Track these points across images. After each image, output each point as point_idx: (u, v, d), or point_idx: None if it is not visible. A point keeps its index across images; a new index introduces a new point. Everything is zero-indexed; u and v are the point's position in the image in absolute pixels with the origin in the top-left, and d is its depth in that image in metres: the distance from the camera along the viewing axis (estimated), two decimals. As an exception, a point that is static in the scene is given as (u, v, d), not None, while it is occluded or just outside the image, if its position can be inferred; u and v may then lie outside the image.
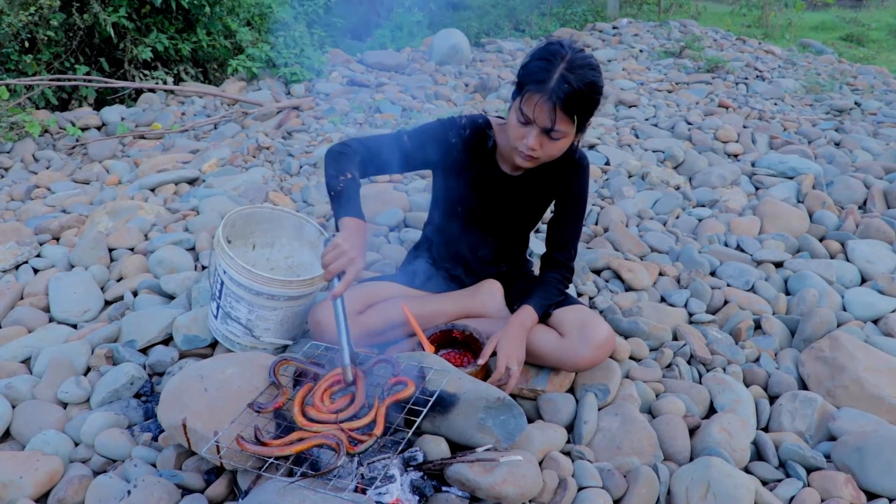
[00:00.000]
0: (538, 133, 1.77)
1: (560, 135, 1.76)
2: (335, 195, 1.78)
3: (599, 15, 8.81)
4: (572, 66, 1.69)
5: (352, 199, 1.77)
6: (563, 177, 2.05)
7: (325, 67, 5.84)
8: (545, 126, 1.74)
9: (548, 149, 1.81)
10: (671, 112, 4.86)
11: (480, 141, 2.01)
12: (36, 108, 4.92)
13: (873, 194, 3.28)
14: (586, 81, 1.69)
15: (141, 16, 5.38)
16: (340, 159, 1.84)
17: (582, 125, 1.80)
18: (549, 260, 2.14)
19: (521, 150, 1.82)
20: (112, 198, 3.49)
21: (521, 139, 1.80)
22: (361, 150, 1.90)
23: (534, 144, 1.78)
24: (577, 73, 1.69)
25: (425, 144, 1.98)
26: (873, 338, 2.28)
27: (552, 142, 1.79)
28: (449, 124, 2.00)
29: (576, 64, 1.70)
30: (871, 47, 9.01)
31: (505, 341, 1.91)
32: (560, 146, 1.81)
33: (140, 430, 1.90)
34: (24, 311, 2.44)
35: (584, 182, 2.08)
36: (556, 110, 1.70)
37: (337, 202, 1.77)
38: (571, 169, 2.04)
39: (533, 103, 1.73)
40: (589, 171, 2.09)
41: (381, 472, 1.53)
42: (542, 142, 1.79)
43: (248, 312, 1.99)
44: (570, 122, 1.74)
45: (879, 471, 1.72)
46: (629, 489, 1.70)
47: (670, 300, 2.55)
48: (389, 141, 1.96)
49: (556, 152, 1.83)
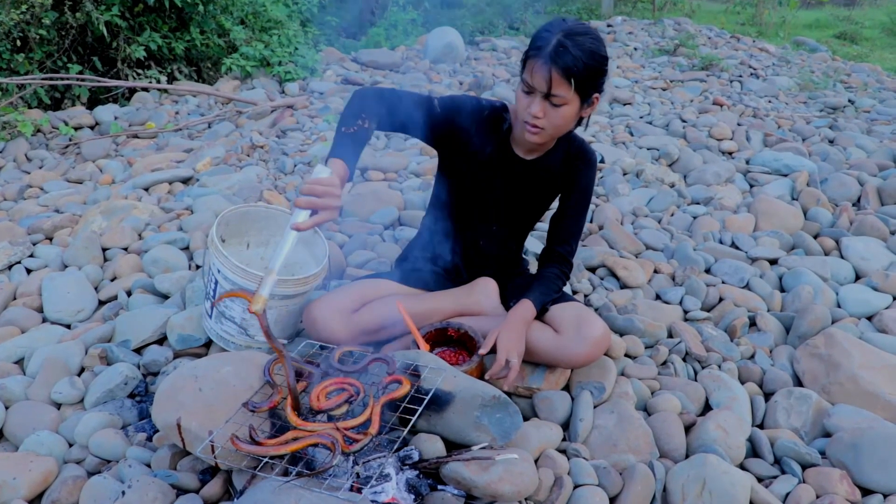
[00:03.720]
0: (541, 99, 1.80)
1: (560, 100, 1.79)
2: (343, 134, 1.77)
3: (594, 13, 8.81)
4: (570, 33, 1.74)
5: (357, 144, 1.78)
6: (573, 167, 2.07)
7: (319, 66, 5.82)
8: (543, 90, 1.77)
9: (552, 118, 1.83)
10: (666, 110, 4.86)
11: (497, 123, 2.03)
12: (28, 107, 4.88)
13: (867, 191, 3.29)
14: (584, 47, 1.73)
15: (134, 14, 5.34)
16: (366, 104, 1.84)
17: (585, 95, 1.82)
18: (550, 253, 2.14)
19: (527, 119, 1.84)
20: (106, 197, 3.47)
21: (525, 109, 1.84)
22: (391, 101, 1.90)
23: (537, 112, 1.81)
24: (574, 39, 1.73)
25: (453, 114, 1.99)
26: (868, 334, 2.29)
27: (555, 109, 1.81)
28: (475, 101, 2.04)
29: (575, 31, 1.75)
30: (865, 45, 9.03)
31: (505, 334, 1.91)
32: (564, 115, 1.83)
33: (134, 430, 1.90)
34: (17, 311, 2.43)
35: (591, 176, 2.10)
36: (551, 72, 1.73)
37: (341, 141, 1.76)
38: (582, 160, 2.07)
39: (532, 69, 1.77)
40: (596, 169, 2.11)
41: (377, 471, 1.53)
42: (546, 109, 1.82)
43: (243, 311, 1.99)
44: (569, 86, 1.76)
45: (874, 467, 1.72)
46: (625, 487, 1.70)
47: (665, 297, 2.55)
48: (421, 101, 1.96)
49: (560, 122, 1.85)
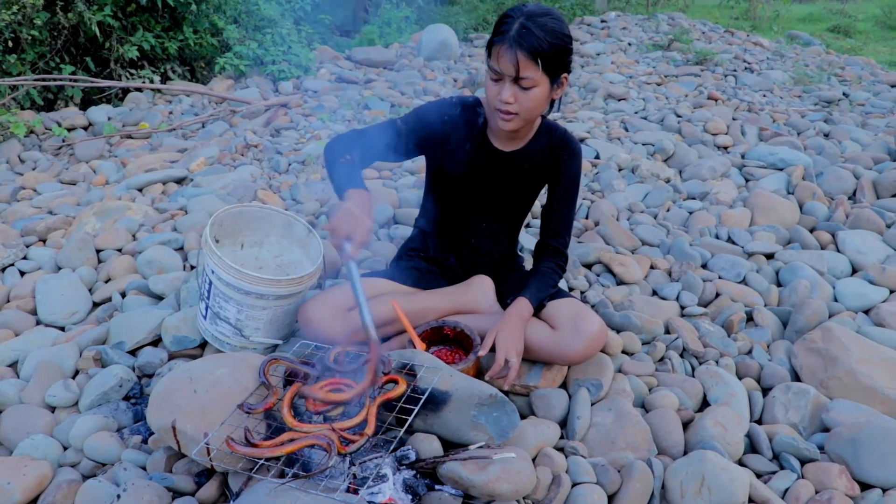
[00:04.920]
0: (510, 84, 1.80)
1: (529, 83, 1.79)
2: (336, 175, 1.81)
3: (588, 9, 8.78)
4: (532, 15, 1.75)
5: (354, 175, 1.81)
6: (557, 159, 2.06)
7: (313, 64, 5.80)
8: (511, 74, 1.77)
9: (523, 102, 1.82)
10: (660, 105, 4.86)
11: (471, 118, 2.03)
12: (21, 108, 4.85)
13: (863, 185, 3.29)
14: (546, 27, 1.74)
15: (126, 14, 5.32)
16: (338, 148, 1.88)
17: (553, 74, 1.82)
18: (544, 247, 2.14)
19: (498, 106, 1.84)
20: (99, 198, 3.46)
21: (496, 96, 1.83)
22: (358, 139, 1.92)
23: (507, 97, 1.81)
24: (536, 20, 1.74)
25: (419, 126, 2.00)
26: (865, 328, 2.29)
27: (525, 92, 1.81)
28: (440, 104, 2.03)
29: (535, 13, 1.76)
30: (859, 38, 9.05)
31: (504, 333, 1.90)
32: (534, 97, 1.82)
33: (129, 432, 1.88)
34: (10, 313, 2.41)
35: (576, 167, 2.09)
36: (517, 54, 1.73)
37: (338, 181, 1.81)
38: (565, 151, 2.06)
39: (498, 55, 1.78)
40: (581, 158, 2.10)
41: (374, 472, 1.52)
42: (516, 94, 1.81)
43: (238, 312, 1.98)
44: (536, 66, 1.76)
45: (873, 462, 1.72)
46: (623, 484, 1.69)
47: (662, 293, 2.54)
48: (384, 128, 1.98)
49: (532, 105, 1.84)
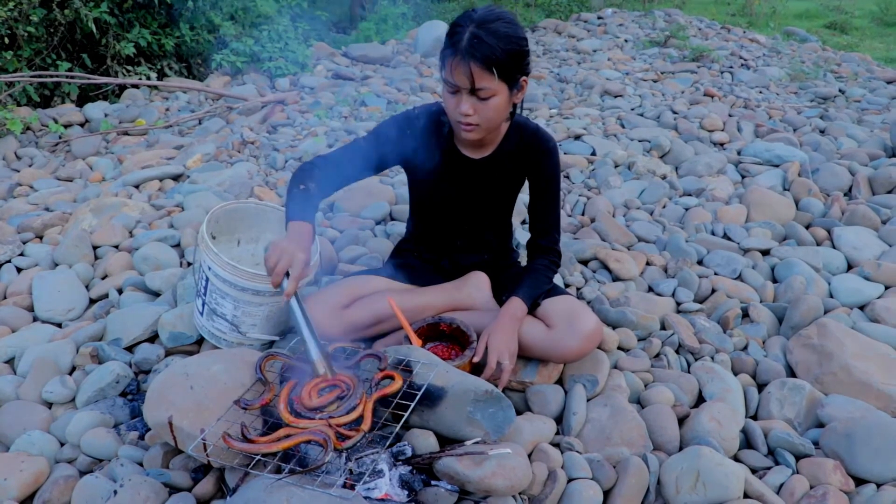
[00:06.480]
0: (467, 96, 1.75)
1: (487, 93, 1.74)
2: (288, 205, 1.83)
3: (584, 5, 8.78)
4: (482, 23, 1.69)
5: (300, 206, 1.82)
6: (529, 158, 2.03)
7: (309, 61, 5.79)
8: (467, 87, 1.73)
9: (483, 112, 1.79)
10: (657, 101, 4.86)
11: (436, 128, 2.00)
12: (17, 105, 4.85)
13: (858, 181, 3.29)
14: (498, 34, 1.69)
15: (123, 11, 5.31)
16: (300, 175, 1.88)
17: (511, 80, 1.78)
18: (535, 247, 2.14)
19: (458, 119, 1.81)
20: (96, 195, 3.45)
21: (455, 109, 1.80)
22: (323, 165, 1.92)
23: (466, 109, 1.77)
24: (487, 27, 1.69)
25: (383, 143, 1.97)
26: (860, 324, 2.29)
27: (483, 103, 1.77)
28: (402, 117, 2.00)
29: (486, 19, 1.70)
30: (855, 35, 9.05)
31: (496, 335, 1.90)
32: (494, 106, 1.79)
33: (126, 428, 1.88)
34: (7, 310, 2.41)
35: (554, 164, 2.05)
36: (470, 66, 1.69)
37: (288, 212, 1.82)
38: (537, 150, 2.02)
39: (451, 68, 1.73)
40: (557, 154, 2.05)
41: (370, 468, 1.53)
42: (474, 105, 1.77)
43: (234, 308, 1.98)
44: (492, 76, 1.71)
45: (868, 457, 1.73)
46: (619, 480, 1.70)
47: (658, 290, 2.55)
48: (348, 149, 1.97)
49: (493, 114, 1.81)
